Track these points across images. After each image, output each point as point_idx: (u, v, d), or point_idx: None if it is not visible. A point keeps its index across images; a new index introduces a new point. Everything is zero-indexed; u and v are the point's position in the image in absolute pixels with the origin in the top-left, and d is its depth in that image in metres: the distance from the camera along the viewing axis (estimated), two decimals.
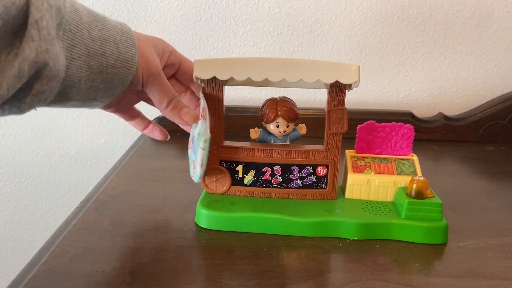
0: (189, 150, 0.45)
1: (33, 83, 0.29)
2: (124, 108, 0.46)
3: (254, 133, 0.47)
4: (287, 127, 0.45)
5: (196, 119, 0.42)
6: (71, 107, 0.37)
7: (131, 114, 0.48)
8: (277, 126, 0.45)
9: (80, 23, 0.32)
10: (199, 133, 0.40)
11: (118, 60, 0.35)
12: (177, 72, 0.45)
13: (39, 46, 0.28)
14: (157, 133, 0.48)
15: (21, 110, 0.30)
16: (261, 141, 0.47)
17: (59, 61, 0.30)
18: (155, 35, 0.87)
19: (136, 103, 0.47)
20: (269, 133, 0.46)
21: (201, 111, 0.42)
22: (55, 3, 0.29)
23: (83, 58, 0.33)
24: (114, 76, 0.36)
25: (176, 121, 0.42)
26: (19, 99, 0.29)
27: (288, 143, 0.46)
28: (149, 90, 0.40)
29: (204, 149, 0.39)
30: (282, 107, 0.44)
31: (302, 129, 0.47)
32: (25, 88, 0.29)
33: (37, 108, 0.32)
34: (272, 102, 0.45)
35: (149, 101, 0.46)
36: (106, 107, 0.44)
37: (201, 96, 0.43)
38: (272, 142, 0.46)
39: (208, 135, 0.39)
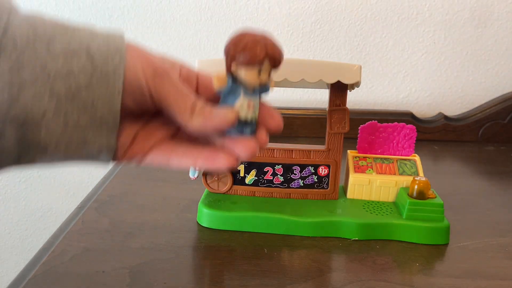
0: None
1: None
2: (142, 149, 0.30)
3: (220, 81, 0.29)
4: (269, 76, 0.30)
5: (232, 119, 0.28)
6: (59, 160, 0.26)
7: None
8: (259, 73, 0.29)
9: (34, 36, 0.24)
10: None
11: (94, 75, 0.25)
12: (197, 88, 0.31)
13: None
14: (221, 158, 0.29)
15: None
16: (225, 94, 0.29)
17: None
18: (155, 35, 0.85)
19: (167, 133, 0.31)
20: (237, 84, 0.29)
21: None
22: None
23: (40, 83, 0.23)
24: (94, 101, 0.25)
25: (208, 128, 0.28)
26: None
27: (258, 99, 0.30)
28: (160, 97, 0.27)
29: None
30: (272, 46, 0.29)
31: (272, 81, 0.32)
32: None
33: None
34: (254, 36, 0.29)
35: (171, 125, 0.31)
36: (124, 156, 0.29)
37: None
38: (242, 96, 0.29)
39: None
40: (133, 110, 0.28)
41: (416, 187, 0.42)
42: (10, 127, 0.23)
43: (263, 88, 0.30)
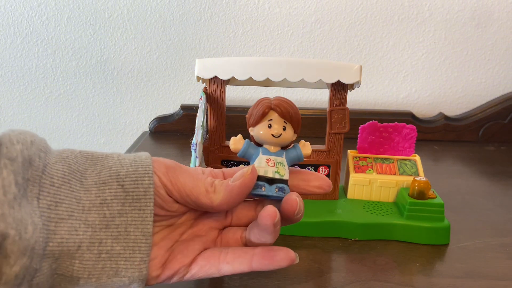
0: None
1: None
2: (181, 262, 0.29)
3: (235, 142, 0.31)
4: (284, 130, 0.30)
5: (249, 173, 0.28)
6: None
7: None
8: (269, 127, 0.30)
9: (69, 173, 0.25)
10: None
11: (126, 202, 0.26)
12: None
13: None
14: (281, 254, 0.29)
15: None
16: (243, 155, 0.31)
17: (27, 227, 0.22)
18: (155, 35, 0.85)
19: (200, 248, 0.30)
20: (257, 145, 0.31)
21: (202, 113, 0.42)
22: (21, 155, 0.23)
23: (76, 215, 0.25)
24: (127, 227, 0.26)
25: (235, 196, 0.28)
26: None
27: (283, 158, 0.30)
28: (179, 188, 0.28)
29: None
30: (278, 100, 0.31)
31: (306, 147, 0.32)
32: None
33: None
34: (263, 98, 0.32)
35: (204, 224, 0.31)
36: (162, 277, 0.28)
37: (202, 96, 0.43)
38: (261, 155, 0.30)
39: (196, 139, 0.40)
40: (161, 218, 0.28)
41: (416, 187, 0.42)
42: (45, 263, 0.24)
43: (286, 146, 0.31)
